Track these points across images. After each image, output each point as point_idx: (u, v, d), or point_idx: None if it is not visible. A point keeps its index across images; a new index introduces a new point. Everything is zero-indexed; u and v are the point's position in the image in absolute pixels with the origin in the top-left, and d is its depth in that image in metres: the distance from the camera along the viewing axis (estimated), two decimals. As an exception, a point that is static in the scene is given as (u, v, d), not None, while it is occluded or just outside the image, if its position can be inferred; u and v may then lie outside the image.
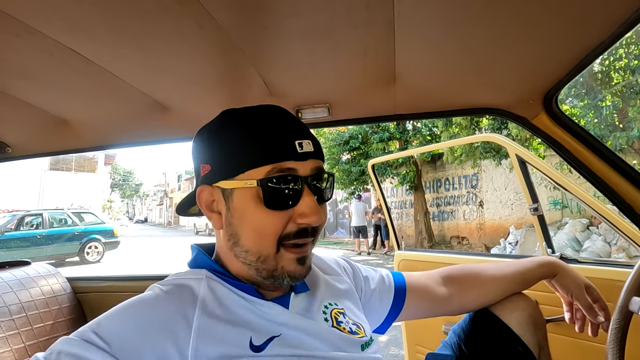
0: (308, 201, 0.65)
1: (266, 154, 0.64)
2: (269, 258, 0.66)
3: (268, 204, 0.64)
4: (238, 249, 0.68)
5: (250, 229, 0.66)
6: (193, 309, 0.62)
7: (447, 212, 12.68)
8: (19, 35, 0.76)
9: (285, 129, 0.67)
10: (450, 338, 0.99)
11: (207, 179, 0.69)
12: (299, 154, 0.65)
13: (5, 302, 1.28)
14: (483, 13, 0.75)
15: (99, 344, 0.55)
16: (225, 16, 0.75)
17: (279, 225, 0.65)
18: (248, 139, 0.66)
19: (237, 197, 0.66)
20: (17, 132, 1.37)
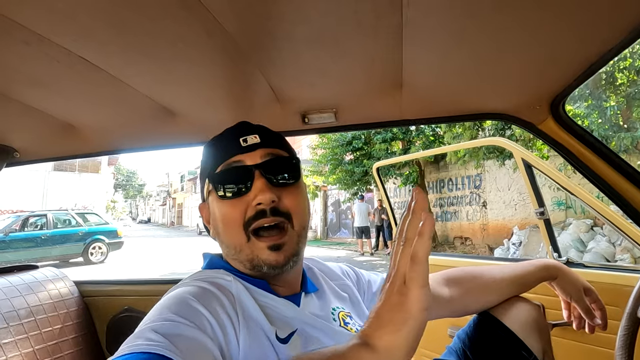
0: (257, 184, 0.71)
1: (216, 157, 0.76)
2: (242, 247, 0.72)
3: (221, 196, 0.73)
4: (223, 247, 0.77)
5: (220, 223, 0.74)
6: (233, 303, 0.65)
7: (450, 213, 12.65)
8: (28, 43, 0.77)
9: (231, 132, 0.78)
10: (455, 344, 1.00)
11: (203, 198, 0.82)
12: (244, 147, 0.74)
13: (14, 306, 1.29)
14: (491, 20, 0.76)
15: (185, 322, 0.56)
16: (233, 24, 0.75)
17: (237, 213, 0.71)
18: (209, 153, 0.79)
19: (210, 202, 0.77)
20: (25, 137, 1.38)
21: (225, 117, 1.25)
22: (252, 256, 0.71)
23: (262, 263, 0.71)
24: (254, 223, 0.70)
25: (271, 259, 0.70)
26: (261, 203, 0.70)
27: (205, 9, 0.68)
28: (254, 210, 0.71)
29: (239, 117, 1.23)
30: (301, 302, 0.76)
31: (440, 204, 12.99)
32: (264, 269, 0.71)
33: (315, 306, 0.78)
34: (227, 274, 0.72)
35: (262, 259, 0.70)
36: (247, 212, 0.71)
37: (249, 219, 0.71)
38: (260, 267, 0.71)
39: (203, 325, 0.56)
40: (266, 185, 0.71)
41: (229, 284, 0.69)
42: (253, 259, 0.71)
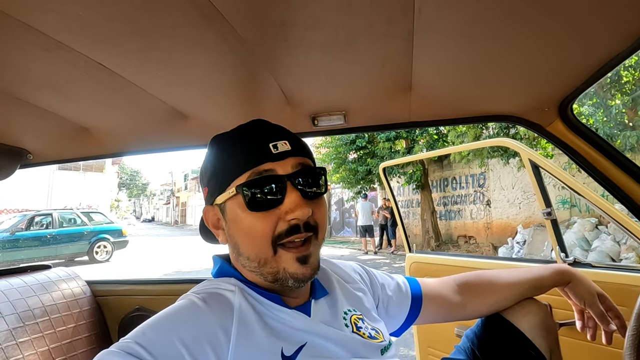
0: (292, 197, 0.67)
1: (243, 162, 0.69)
2: (268, 261, 0.68)
3: (250, 207, 0.67)
4: (241, 258, 0.71)
5: (243, 235, 0.69)
6: (231, 319, 0.64)
7: (454, 211, 12.63)
8: (48, 50, 0.78)
9: (258, 135, 0.72)
10: (464, 343, 1.00)
11: (208, 200, 0.75)
12: (275, 154, 0.69)
13: (29, 305, 1.31)
14: (500, 26, 0.77)
15: (142, 355, 0.56)
16: (249, 30, 0.76)
17: (267, 227, 0.67)
18: (228, 154, 0.72)
19: (228, 208, 0.71)
20: (38, 139, 1.40)
21: (236, 120, 1.25)
22: (278, 269, 0.68)
23: (289, 276, 0.68)
24: (286, 238, 0.67)
25: (299, 272, 0.68)
26: (296, 218, 0.67)
27: (222, 16, 0.70)
28: (286, 224, 0.67)
29: (250, 119, 1.25)
30: (312, 310, 0.74)
31: (444, 202, 12.97)
32: (288, 283, 0.68)
33: (326, 313, 0.77)
34: (233, 285, 0.71)
35: (289, 272, 0.68)
36: (277, 225, 0.67)
37: (280, 233, 0.67)
38: (285, 280, 0.68)
39: (164, 358, 0.56)
40: (301, 199, 0.67)
41: (232, 297, 0.68)
42: (278, 272, 0.68)
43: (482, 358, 0.94)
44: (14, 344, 1.21)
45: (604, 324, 0.95)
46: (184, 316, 0.63)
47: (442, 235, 12.35)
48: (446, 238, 12.53)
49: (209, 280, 0.76)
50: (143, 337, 0.58)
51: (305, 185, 0.70)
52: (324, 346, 0.69)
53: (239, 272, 0.75)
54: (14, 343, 1.21)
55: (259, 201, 0.67)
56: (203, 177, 0.77)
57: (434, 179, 13.17)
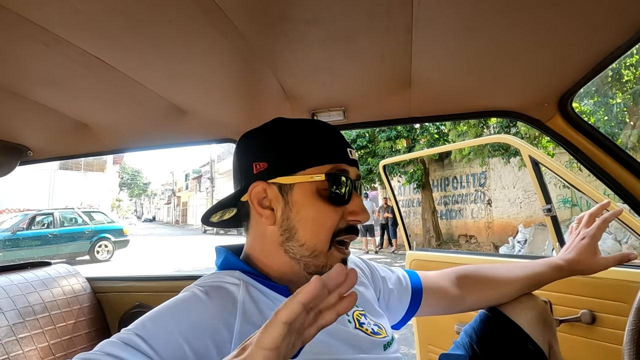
0: (357, 201, 0.73)
1: (327, 154, 0.72)
2: (321, 254, 0.70)
3: (330, 199, 0.70)
4: (292, 243, 0.71)
5: (310, 222, 0.70)
6: (234, 313, 0.64)
7: (455, 211, 12.63)
8: (47, 44, 0.78)
9: (339, 136, 0.76)
10: (462, 338, 1.00)
11: (261, 175, 0.72)
12: (350, 159, 0.74)
13: (29, 301, 1.32)
14: (499, 20, 0.77)
15: (141, 348, 0.56)
16: (248, 25, 0.76)
17: (335, 220, 0.70)
18: (309, 139, 0.73)
19: (297, 191, 0.70)
20: (38, 136, 1.40)
21: (236, 116, 1.26)
22: (325, 265, 0.70)
23: None
24: (345, 236, 0.72)
25: None
26: (357, 220, 0.72)
27: (221, 10, 0.70)
28: (346, 223, 0.72)
29: (249, 115, 1.26)
30: None
31: (445, 202, 12.97)
32: None
33: None
34: (237, 278, 0.70)
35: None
36: (339, 222, 0.71)
37: (340, 230, 0.71)
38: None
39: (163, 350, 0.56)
40: (363, 204, 0.73)
41: (235, 291, 0.68)
42: (324, 267, 0.70)
43: (480, 353, 0.94)
44: (14, 340, 1.21)
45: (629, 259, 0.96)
46: (186, 309, 0.63)
47: (443, 234, 12.35)
48: (447, 237, 12.53)
49: (213, 272, 0.76)
50: (143, 329, 0.58)
51: (361, 192, 0.77)
52: (328, 342, 0.70)
53: (248, 262, 0.75)
54: (14, 339, 1.21)
55: (337, 195, 0.70)
56: (258, 151, 0.74)
57: (435, 178, 13.17)
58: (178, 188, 50.63)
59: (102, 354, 0.55)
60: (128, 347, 0.56)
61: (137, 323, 0.60)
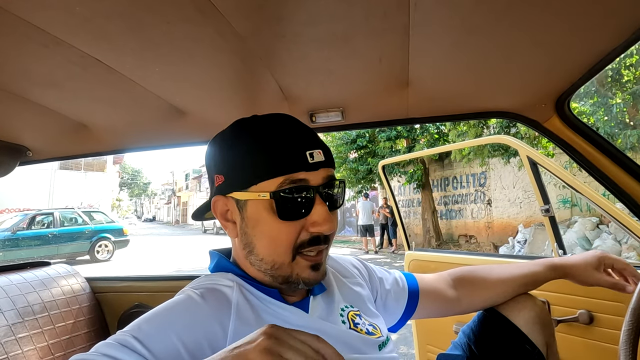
0: (320, 210, 0.67)
1: (277, 166, 0.66)
2: (283, 265, 0.68)
3: (281, 215, 0.66)
4: (253, 257, 0.70)
5: (264, 239, 0.68)
6: (228, 315, 0.65)
7: (455, 211, 12.63)
8: (46, 46, 0.79)
9: (296, 139, 0.69)
10: (460, 339, 1.01)
11: (221, 189, 0.71)
12: (310, 164, 0.67)
13: (28, 301, 1.32)
14: (497, 21, 0.77)
15: (137, 349, 0.56)
16: (245, 26, 0.77)
17: (292, 235, 0.67)
18: (259, 151, 0.67)
19: (250, 207, 0.68)
20: (37, 136, 1.40)
21: (234, 116, 1.26)
22: (292, 274, 0.69)
23: (300, 280, 0.69)
24: (308, 248, 0.68)
25: (311, 277, 0.69)
26: (320, 232, 0.68)
27: (218, 11, 0.70)
28: (308, 235, 0.68)
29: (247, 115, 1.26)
30: (310, 307, 0.75)
31: (445, 202, 12.97)
32: (299, 286, 0.70)
33: (324, 309, 0.77)
34: (231, 280, 0.71)
35: (301, 277, 0.69)
36: (301, 234, 0.67)
37: (302, 242, 0.68)
38: (296, 283, 0.69)
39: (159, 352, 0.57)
40: (327, 213, 0.67)
41: (230, 293, 0.68)
42: (290, 276, 0.69)
43: (478, 353, 0.94)
44: (13, 340, 1.21)
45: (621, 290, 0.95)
46: (181, 311, 0.63)
47: (443, 234, 12.35)
48: (447, 237, 12.53)
49: (207, 275, 0.76)
50: (139, 331, 0.59)
51: (330, 198, 0.70)
52: None
53: (237, 267, 0.75)
54: (13, 339, 1.21)
55: (290, 210, 0.66)
56: (218, 163, 0.73)
57: (435, 178, 13.17)
58: (178, 188, 50.64)
59: (98, 355, 0.55)
60: (124, 349, 0.56)
61: (133, 325, 0.61)
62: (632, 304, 0.82)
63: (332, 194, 0.71)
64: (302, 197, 0.66)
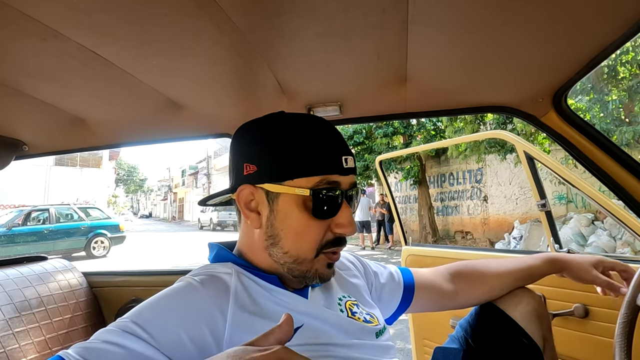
0: (346, 213, 0.70)
1: (317, 166, 0.68)
2: (305, 261, 0.70)
3: (315, 213, 0.68)
4: (276, 250, 0.71)
5: (293, 233, 0.69)
6: (227, 300, 0.65)
7: (451, 207, 12.67)
8: (44, 39, 0.78)
9: (335, 143, 0.71)
10: (457, 332, 1.01)
11: (250, 178, 0.71)
12: (344, 169, 0.70)
13: (25, 296, 1.32)
14: (495, 15, 0.77)
15: (139, 334, 0.57)
16: (243, 19, 0.76)
17: (319, 233, 0.70)
18: (301, 148, 0.69)
19: (282, 201, 0.69)
20: (34, 130, 1.39)
21: (232, 110, 1.27)
22: (311, 269, 0.71)
23: (317, 276, 0.72)
24: (332, 248, 0.71)
25: (326, 274, 0.73)
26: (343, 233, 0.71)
27: (217, 4, 0.70)
28: (333, 235, 0.71)
29: (246, 110, 1.26)
30: (309, 295, 0.76)
31: (441, 198, 13.01)
32: (314, 280, 0.72)
33: (322, 298, 0.78)
34: (229, 268, 0.72)
35: (319, 273, 0.72)
36: (326, 234, 0.70)
37: (327, 242, 0.70)
38: (312, 278, 0.72)
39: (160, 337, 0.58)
40: (352, 216, 0.72)
41: (228, 279, 0.69)
42: (309, 272, 0.71)
43: (475, 346, 0.95)
44: (10, 334, 1.21)
45: (614, 292, 0.96)
46: (181, 297, 0.64)
47: (440, 230, 12.39)
48: (443, 234, 12.58)
49: (206, 264, 0.77)
50: (140, 317, 0.59)
51: (352, 203, 0.74)
52: (321, 328, 0.71)
53: (239, 257, 0.76)
54: (10, 333, 1.21)
55: (323, 210, 0.68)
56: (251, 152, 0.72)
57: (432, 174, 13.20)
58: (175, 184, 50.49)
59: (99, 342, 0.56)
60: (126, 334, 0.57)
61: (134, 311, 0.61)
62: (627, 297, 0.83)
63: (353, 198, 0.75)
64: (333, 199, 0.69)
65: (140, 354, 0.55)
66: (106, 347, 0.55)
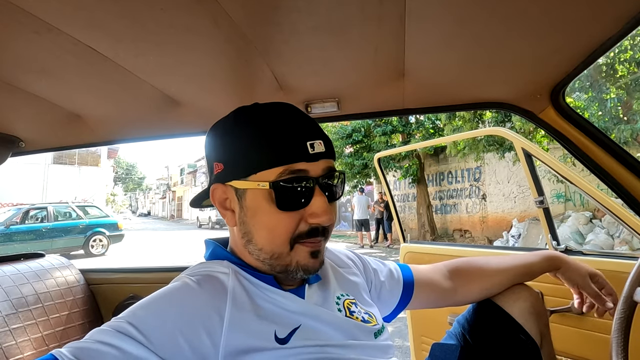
0: (319, 201, 0.67)
1: (278, 156, 0.65)
2: (282, 255, 0.68)
3: (280, 206, 0.65)
4: (252, 247, 0.70)
5: (263, 229, 0.68)
6: (224, 301, 0.64)
7: (449, 205, 12.69)
8: (38, 32, 0.78)
9: (297, 129, 0.68)
10: (455, 328, 1.01)
11: (220, 177, 0.71)
12: (311, 155, 0.66)
13: (22, 293, 1.31)
14: (492, 10, 0.77)
15: (134, 335, 0.56)
16: (241, 13, 0.76)
17: (291, 225, 0.67)
18: (259, 140, 0.67)
19: (249, 197, 0.68)
20: (30, 127, 1.39)
21: (228, 106, 1.25)
22: (291, 263, 0.68)
23: (300, 268, 0.69)
24: (307, 239, 0.68)
25: (310, 264, 0.69)
26: (318, 223, 0.67)
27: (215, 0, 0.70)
28: (307, 226, 0.67)
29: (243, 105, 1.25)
30: (305, 294, 0.75)
31: (439, 196, 13.02)
32: (297, 274, 0.69)
33: (319, 297, 0.77)
34: (226, 267, 0.71)
35: (301, 265, 0.69)
36: (299, 225, 0.67)
37: (300, 233, 0.67)
38: (295, 272, 0.69)
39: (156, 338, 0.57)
40: (326, 205, 0.67)
41: (225, 279, 0.68)
42: (290, 265, 0.69)
43: (472, 342, 0.95)
44: (7, 331, 1.21)
45: (600, 303, 0.98)
46: (177, 298, 0.63)
47: (438, 229, 12.40)
48: (442, 232, 12.59)
49: (202, 262, 0.76)
50: (134, 317, 0.59)
51: (330, 190, 0.70)
52: (318, 329, 0.70)
53: (233, 255, 0.75)
54: (6, 329, 1.21)
55: (289, 201, 0.65)
56: (218, 151, 0.72)
57: (430, 173, 13.21)
58: (173, 182, 50.45)
59: (93, 342, 0.55)
60: (120, 335, 0.56)
61: (129, 311, 0.60)
62: (624, 293, 0.83)
63: (331, 185, 0.70)
64: (302, 188, 0.66)
65: (134, 355, 0.55)
66: (100, 348, 0.54)
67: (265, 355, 0.62)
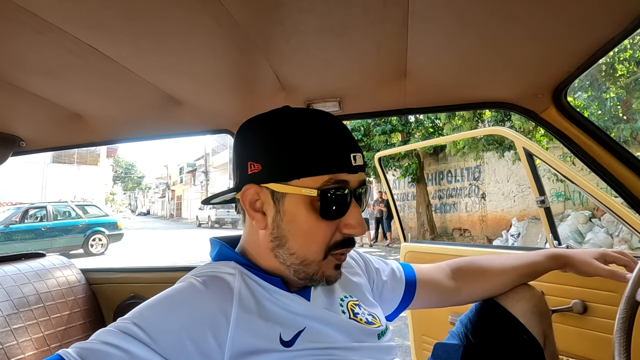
0: (355, 213, 0.68)
1: (325, 164, 0.65)
2: (313, 263, 0.68)
3: (323, 214, 0.66)
4: (282, 251, 0.69)
5: (300, 235, 0.67)
6: (230, 302, 0.64)
7: (449, 205, 12.70)
8: (40, 32, 0.77)
9: (343, 140, 0.68)
10: (457, 328, 1.01)
11: (255, 178, 0.69)
12: (353, 167, 0.67)
13: (23, 293, 1.31)
14: (495, 10, 0.77)
15: (139, 337, 0.56)
16: (243, 13, 0.76)
17: (328, 235, 0.67)
18: (307, 145, 0.66)
19: (288, 201, 0.67)
20: (31, 126, 1.39)
21: (230, 106, 1.26)
22: (317, 271, 0.69)
23: (324, 278, 0.70)
24: (341, 249, 0.69)
25: (333, 276, 0.71)
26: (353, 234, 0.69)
27: (217, 0, 0.69)
28: (341, 236, 0.69)
29: (244, 105, 1.25)
30: (311, 296, 0.74)
31: (439, 195, 13.03)
32: (320, 283, 0.70)
33: (324, 299, 0.77)
34: (233, 268, 0.70)
35: (326, 275, 0.70)
36: (334, 234, 0.68)
37: (336, 243, 0.68)
38: (319, 280, 0.70)
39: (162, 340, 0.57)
40: (361, 216, 0.69)
41: (232, 281, 0.67)
42: (316, 274, 0.69)
43: (475, 342, 0.95)
44: (8, 331, 1.21)
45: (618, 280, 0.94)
46: (183, 299, 0.63)
47: (438, 228, 12.42)
48: (441, 231, 12.60)
49: (208, 263, 0.75)
50: (141, 318, 0.58)
51: (361, 201, 0.71)
52: (323, 331, 0.70)
53: (242, 255, 0.74)
54: (8, 330, 1.21)
55: (331, 210, 0.66)
56: (255, 150, 0.70)
57: (430, 172, 13.22)
58: (172, 182, 50.40)
59: (99, 343, 0.55)
60: (126, 336, 0.56)
61: (135, 312, 0.60)
62: (626, 292, 0.83)
63: (363, 197, 0.72)
64: (343, 198, 0.66)
65: (140, 357, 0.54)
66: (106, 349, 0.54)
67: (270, 358, 0.62)
